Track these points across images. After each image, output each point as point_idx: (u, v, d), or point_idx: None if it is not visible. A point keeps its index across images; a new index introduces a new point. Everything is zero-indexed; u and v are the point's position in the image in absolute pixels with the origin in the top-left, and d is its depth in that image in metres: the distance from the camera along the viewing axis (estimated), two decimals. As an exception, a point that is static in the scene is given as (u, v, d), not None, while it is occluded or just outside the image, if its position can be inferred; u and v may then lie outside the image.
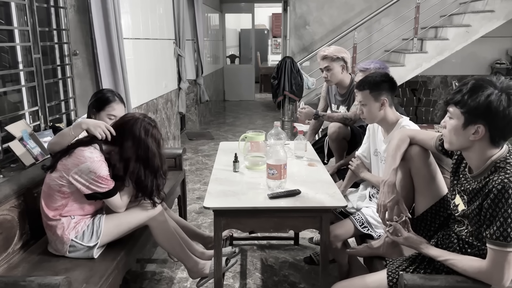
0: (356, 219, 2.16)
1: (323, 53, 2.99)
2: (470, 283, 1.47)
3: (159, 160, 2.05)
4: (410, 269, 1.66)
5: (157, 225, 2.12)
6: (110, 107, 2.26)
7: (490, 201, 1.40)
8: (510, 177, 1.38)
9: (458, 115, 1.47)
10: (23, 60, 2.61)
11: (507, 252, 1.38)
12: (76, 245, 1.98)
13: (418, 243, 1.64)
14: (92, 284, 1.77)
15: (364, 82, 2.13)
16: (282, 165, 1.96)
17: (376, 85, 2.08)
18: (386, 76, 2.14)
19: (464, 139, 1.48)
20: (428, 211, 1.79)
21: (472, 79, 1.48)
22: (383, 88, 2.08)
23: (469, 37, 5.96)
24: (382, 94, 2.08)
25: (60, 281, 1.50)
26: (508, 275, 1.41)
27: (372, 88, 2.08)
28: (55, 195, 1.97)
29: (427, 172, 1.79)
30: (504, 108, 1.39)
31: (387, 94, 2.09)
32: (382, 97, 2.08)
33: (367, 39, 6.51)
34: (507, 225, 1.36)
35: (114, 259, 1.98)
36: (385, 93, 2.09)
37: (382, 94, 2.08)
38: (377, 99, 2.08)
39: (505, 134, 1.44)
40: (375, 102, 2.09)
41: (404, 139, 1.81)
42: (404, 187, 1.84)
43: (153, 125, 2.06)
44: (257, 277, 2.68)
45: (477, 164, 1.51)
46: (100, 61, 2.98)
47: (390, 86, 2.11)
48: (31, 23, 2.57)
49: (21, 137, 2.37)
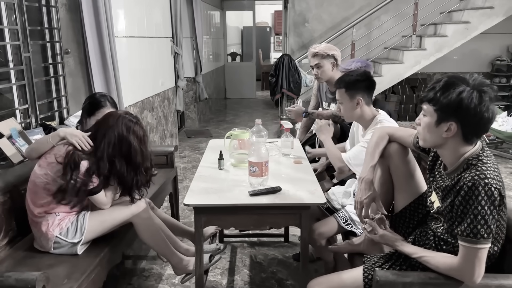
0: (339, 216, 2.17)
1: (314, 50, 3.00)
2: (443, 279, 1.48)
3: (141, 157, 2.06)
4: (386, 265, 1.67)
5: (141, 222, 2.14)
6: (101, 112, 2.29)
7: (461, 198, 1.40)
8: (480, 174, 1.38)
9: (431, 112, 1.48)
10: (14, 58, 2.64)
11: (477, 249, 1.39)
12: (60, 241, 2.00)
13: (393, 240, 1.65)
14: (74, 280, 1.79)
15: (340, 80, 2.15)
16: (263, 163, 1.97)
17: (351, 84, 2.10)
18: (363, 75, 2.15)
19: (437, 137, 1.49)
20: (407, 208, 1.79)
21: (446, 76, 1.49)
22: (359, 88, 2.10)
23: (469, 33, 5.92)
24: (357, 93, 2.10)
25: (37, 276, 1.52)
26: (479, 271, 1.41)
27: (348, 87, 2.10)
28: (41, 192, 2.00)
29: (405, 170, 1.79)
30: (475, 105, 1.39)
31: (363, 93, 2.11)
32: (358, 96, 2.11)
33: (366, 36, 6.49)
34: (477, 222, 1.37)
35: (98, 256, 2.00)
36: (360, 93, 2.11)
37: (358, 93, 2.10)
38: (352, 98, 2.10)
39: (477, 131, 1.45)
40: (351, 101, 2.10)
41: (383, 136, 1.82)
42: (384, 184, 1.84)
43: (135, 121, 2.08)
44: (245, 273, 2.69)
45: (451, 161, 1.51)
46: (91, 59, 3.02)
47: (367, 85, 2.13)
48: (21, 22, 2.60)
49: (10, 135, 2.41)
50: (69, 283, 1.77)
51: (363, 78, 2.13)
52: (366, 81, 2.13)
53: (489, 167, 1.41)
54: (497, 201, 1.37)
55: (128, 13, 3.88)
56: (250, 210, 1.89)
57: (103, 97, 2.41)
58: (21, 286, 1.51)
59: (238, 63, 11.29)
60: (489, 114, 1.41)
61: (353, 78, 2.12)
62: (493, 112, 1.42)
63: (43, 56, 2.99)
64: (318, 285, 1.72)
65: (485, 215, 1.36)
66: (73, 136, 1.98)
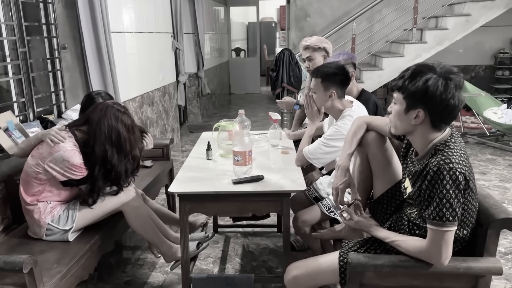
0: (323, 204, 2.22)
1: (305, 43, 3.03)
2: (413, 262, 1.52)
3: (129, 145, 2.12)
4: (361, 250, 1.72)
5: (131, 210, 2.21)
6: None
7: (427, 183, 1.45)
8: (445, 159, 1.42)
9: (401, 100, 1.52)
10: (11, 53, 2.72)
11: (444, 232, 1.43)
12: (52, 228, 2.08)
13: (368, 226, 1.70)
14: (63, 265, 1.87)
15: (318, 70, 2.19)
16: (246, 152, 2.03)
17: (328, 76, 2.15)
18: (340, 69, 2.20)
19: (407, 124, 1.53)
20: (384, 194, 1.83)
21: (414, 65, 1.53)
22: (334, 81, 2.15)
23: (469, 26, 5.90)
24: (332, 86, 2.16)
25: (25, 259, 1.59)
26: (446, 253, 1.45)
27: (324, 78, 2.15)
28: (32, 182, 2.07)
29: (383, 157, 1.83)
30: (441, 92, 1.43)
31: (336, 87, 2.17)
32: (332, 89, 2.17)
33: (368, 29, 6.50)
34: (442, 205, 1.41)
35: (88, 242, 2.08)
36: (335, 86, 2.17)
37: (332, 86, 2.16)
38: (326, 90, 2.15)
39: (444, 117, 1.48)
40: (324, 92, 2.15)
41: (361, 125, 1.86)
42: (362, 171, 1.89)
43: (123, 111, 2.14)
44: (236, 262, 2.76)
45: (421, 147, 1.55)
46: (87, 54, 3.09)
47: (342, 80, 2.18)
48: (17, 18, 2.68)
49: (7, 127, 2.49)
50: (59, 267, 1.85)
51: (340, 72, 2.18)
52: (342, 75, 2.18)
53: (455, 152, 1.45)
54: (462, 185, 1.41)
55: (127, 8, 3.96)
56: (232, 197, 1.95)
57: (97, 94, 2.49)
58: (9, 268, 1.59)
59: (242, 59, 11.34)
60: (455, 101, 1.44)
61: (331, 70, 2.16)
62: (459, 99, 1.45)
63: (41, 51, 3.07)
64: (296, 269, 1.77)
65: (450, 198, 1.40)
66: (47, 135, 2.05)
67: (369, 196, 1.93)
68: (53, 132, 2.06)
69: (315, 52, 2.99)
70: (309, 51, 3.01)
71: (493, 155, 4.93)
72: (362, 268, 1.54)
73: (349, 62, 2.59)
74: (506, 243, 2.93)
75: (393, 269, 1.54)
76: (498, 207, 1.56)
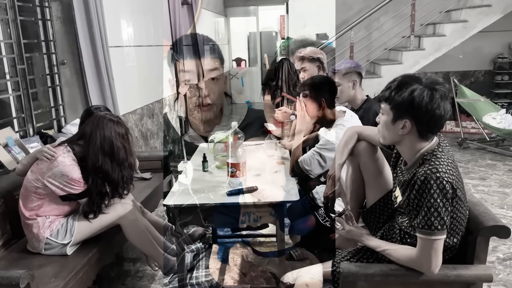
0: (319, 213, 2.24)
1: (299, 54, 3.08)
2: (403, 271, 1.54)
3: (124, 153, 2.16)
4: (354, 259, 1.73)
5: (128, 223, 2.24)
6: None
7: (415, 192, 1.47)
8: (432, 168, 1.44)
9: (388, 111, 1.55)
10: (10, 70, 2.77)
11: (433, 240, 1.45)
12: (51, 242, 2.11)
13: (359, 235, 1.71)
14: (61, 279, 1.89)
15: (305, 84, 2.25)
16: (241, 163, 2.06)
17: (315, 87, 2.20)
18: (326, 79, 2.25)
19: (394, 134, 1.56)
20: (376, 203, 1.86)
21: (401, 76, 1.56)
22: (323, 91, 2.20)
23: (467, 32, 5.94)
24: (320, 96, 2.21)
25: (21, 274, 1.62)
26: (435, 262, 1.47)
27: (311, 90, 2.19)
28: (32, 196, 2.11)
29: (374, 167, 1.86)
30: (426, 103, 1.46)
31: (325, 97, 2.22)
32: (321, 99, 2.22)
33: (366, 37, 6.54)
34: (430, 214, 1.43)
35: (86, 256, 2.10)
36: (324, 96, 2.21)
37: (321, 96, 2.21)
38: (316, 101, 2.19)
39: (430, 127, 1.51)
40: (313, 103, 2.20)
41: (352, 135, 1.89)
42: (355, 181, 1.91)
43: (116, 120, 2.18)
44: (235, 272, 2.77)
45: (409, 157, 1.58)
46: (86, 69, 3.14)
47: (330, 90, 2.22)
48: (16, 35, 2.73)
49: (6, 143, 2.53)
50: (56, 282, 1.87)
51: (326, 83, 2.24)
52: (329, 85, 2.23)
53: (442, 161, 1.47)
54: (450, 194, 1.43)
55: (126, 23, 4.01)
56: (227, 209, 1.97)
57: (96, 109, 2.56)
58: (6, 283, 1.61)
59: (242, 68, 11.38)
60: (440, 111, 1.47)
61: (317, 81, 2.22)
62: (445, 109, 1.48)
63: (40, 67, 3.12)
64: (291, 278, 1.79)
65: (437, 207, 1.42)
66: (39, 152, 2.13)
67: (362, 205, 1.95)
68: (45, 149, 2.12)
69: (310, 63, 3.04)
70: (304, 62, 3.05)
71: (493, 160, 4.92)
72: (353, 277, 1.55)
73: (353, 70, 2.63)
74: (505, 249, 2.92)
75: (384, 278, 1.55)
76: (487, 214, 1.58)
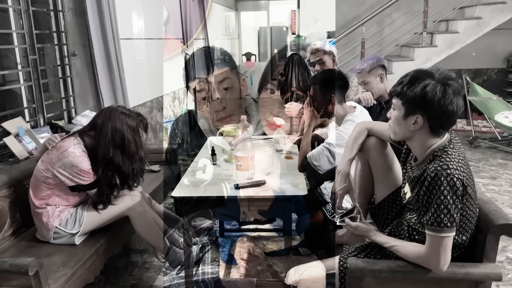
0: (326, 209, 2.23)
1: (315, 47, 3.08)
2: (411, 267, 1.53)
3: (135, 146, 2.17)
4: (361, 255, 1.73)
5: (136, 215, 2.24)
6: None
7: (425, 188, 1.45)
8: (443, 165, 1.43)
9: (399, 106, 1.53)
10: (22, 61, 2.79)
11: (442, 237, 1.43)
12: (60, 232, 2.13)
13: (367, 231, 1.70)
14: (69, 268, 1.91)
15: (315, 78, 2.23)
16: (249, 157, 2.06)
17: (325, 81, 2.18)
18: (338, 75, 2.23)
19: (406, 129, 1.54)
20: (385, 199, 1.84)
21: (413, 71, 1.54)
22: (333, 86, 2.18)
23: (480, 29, 5.85)
24: (330, 91, 2.19)
25: (30, 262, 1.63)
26: (444, 259, 1.45)
27: (321, 84, 2.18)
28: (41, 186, 2.13)
29: (383, 163, 1.84)
30: (439, 98, 1.44)
31: (335, 92, 2.20)
32: (331, 94, 2.19)
33: (378, 33, 6.48)
34: (440, 211, 1.41)
35: (94, 246, 2.12)
36: (334, 91, 2.19)
37: (331, 91, 2.19)
38: (325, 95, 2.17)
39: (442, 123, 1.49)
40: (324, 97, 2.18)
41: (362, 131, 1.87)
42: (364, 176, 1.90)
43: (127, 113, 2.19)
44: (241, 266, 2.77)
45: (419, 153, 1.56)
46: (97, 61, 3.15)
47: (341, 85, 2.20)
48: (27, 26, 2.75)
49: (17, 133, 2.55)
50: (64, 270, 1.89)
51: (338, 78, 2.21)
52: (340, 80, 2.21)
53: (453, 158, 1.45)
54: (460, 191, 1.41)
55: (136, 16, 4.02)
56: (234, 202, 1.97)
57: None
58: (15, 270, 1.64)
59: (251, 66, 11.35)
60: (453, 107, 1.45)
61: (328, 76, 2.20)
62: (457, 105, 1.46)
63: (52, 58, 3.14)
64: (297, 273, 1.79)
65: (447, 204, 1.41)
66: (47, 141, 2.18)
67: (370, 201, 1.94)
68: (52, 137, 2.18)
69: (325, 55, 3.05)
70: (320, 54, 3.06)
71: (505, 160, 4.87)
72: (360, 273, 1.54)
73: (376, 65, 2.64)
74: (515, 249, 2.89)
75: (391, 275, 1.54)
76: (498, 212, 1.56)
